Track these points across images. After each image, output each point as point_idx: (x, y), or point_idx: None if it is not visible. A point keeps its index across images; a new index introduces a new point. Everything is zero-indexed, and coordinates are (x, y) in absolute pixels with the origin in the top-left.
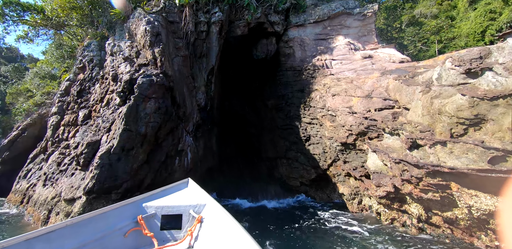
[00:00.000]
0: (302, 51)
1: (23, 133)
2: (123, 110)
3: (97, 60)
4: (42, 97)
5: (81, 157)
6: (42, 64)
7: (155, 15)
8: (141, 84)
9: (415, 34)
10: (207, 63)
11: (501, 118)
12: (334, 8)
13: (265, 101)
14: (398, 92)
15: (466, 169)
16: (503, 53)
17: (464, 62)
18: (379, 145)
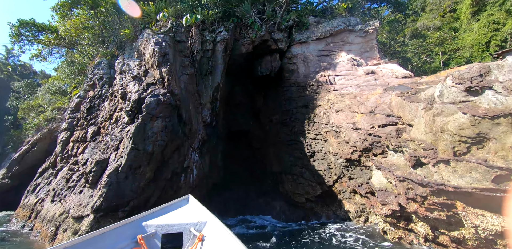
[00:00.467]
0: (306, 67)
1: (33, 148)
2: (131, 129)
3: (107, 78)
4: (52, 113)
5: (90, 175)
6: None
7: (163, 36)
8: (149, 103)
9: (419, 46)
10: (213, 80)
11: (503, 137)
12: (336, 25)
13: (269, 116)
14: (401, 109)
15: (470, 188)
16: (503, 71)
17: (464, 80)
18: (383, 162)
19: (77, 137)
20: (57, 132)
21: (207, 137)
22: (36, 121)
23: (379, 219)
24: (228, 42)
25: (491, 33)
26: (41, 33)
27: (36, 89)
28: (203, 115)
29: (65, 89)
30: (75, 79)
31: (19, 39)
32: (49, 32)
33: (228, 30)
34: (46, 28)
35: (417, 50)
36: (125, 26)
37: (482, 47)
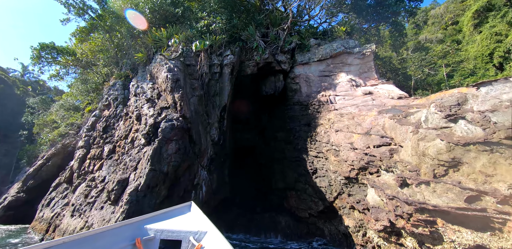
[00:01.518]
0: (308, 87)
1: (47, 162)
2: (149, 152)
3: (121, 99)
4: (66, 128)
5: (112, 193)
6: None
7: (174, 61)
8: (164, 128)
9: (422, 59)
10: (220, 101)
11: (474, 162)
12: (335, 48)
13: (274, 134)
14: (393, 131)
15: (447, 207)
16: (477, 101)
17: (445, 108)
18: (376, 181)
19: (93, 155)
20: (70, 147)
21: (215, 155)
22: (50, 137)
23: (374, 234)
24: (234, 65)
25: (494, 45)
26: (59, 55)
27: (50, 104)
28: (211, 134)
29: (78, 105)
30: (88, 96)
31: (40, 60)
32: (67, 54)
33: (234, 53)
34: (65, 51)
35: (420, 63)
36: (138, 49)
37: (485, 58)
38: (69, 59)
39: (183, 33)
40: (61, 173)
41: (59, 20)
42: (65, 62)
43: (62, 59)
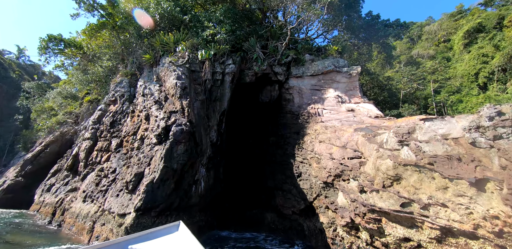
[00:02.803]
0: (300, 98)
1: (45, 149)
2: (161, 151)
3: (127, 96)
4: (64, 116)
5: (130, 184)
6: (66, 85)
7: (182, 69)
8: (175, 132)
9: (412, 74)
10: (220, 106)
11: (409, 178)
12: (327, 65)
13: (267, 138)
14: (363, 147)
15: (388, 209)
16: (421, 132)
17: (399, 134)
18: (345, 187)
19: (100, 147)
20: (68, 135)
21: (213, 154)
22: (48, 124)
23: (340, 229)
24: (235, 74)
25: (480, 65)
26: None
27: (46, 90)
28: (210, 136)
29: (75, 93)
30: (88, 86)
31: (46, 51)
32: (74, 47)
33: (236, 63)
34: (72, 44)
35: (410, 77)
36: (145, 49)
37: (471, 77)
38: (75, 51)
39: (190, 41)
40: (59, 160)
41: (69, 15)
42: (71, 54)
43: (68, 51)
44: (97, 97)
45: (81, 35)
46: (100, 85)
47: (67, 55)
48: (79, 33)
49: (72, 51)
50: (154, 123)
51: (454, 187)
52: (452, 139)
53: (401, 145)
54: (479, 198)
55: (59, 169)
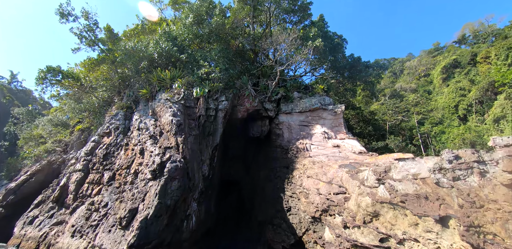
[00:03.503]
0: (289, 133)
1: (30, 178)
2: (156, 187)
3: (122, 129)
4: (53, 144)
5: (124, 220)
6: (57, 112)
7: (178, 105)
8: (170, 169)
9: (396, 106)
10: (213, 141)
11: (386, 214)
12: (313, 103)
13: (258, 171)
14: (347, 183)
15: (368, 244)
16: (396, 171)
17: (376, 173)
18: (331, 222)
19: (92, 179)
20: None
21: (205, 188)
22: (36, 152)
23: None
24: (228, 110)
25: (458, 98)
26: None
27: (35, 116)
28: (203, 170)
29: (66, 121)
30: (80, 114)
31: (44, 81)
32: (72, 79)
33: (228, 100)
34: (70, 75)
35: (395, 109)
36: (142, 84)
37: (452, 109)
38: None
39: (186, 78)
40: (44, 190)
41: (71, 49)
42: (68, 85)
43: (65, 82)
44: (89, 126)
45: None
46: (93, 115)
47: (64, 86)
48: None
49: (69, 82)
50: (149, 158)
51: (423, 224)
52: (421, 179)
53: (379, 183)
54: (444, 234)
55: (43, 200)
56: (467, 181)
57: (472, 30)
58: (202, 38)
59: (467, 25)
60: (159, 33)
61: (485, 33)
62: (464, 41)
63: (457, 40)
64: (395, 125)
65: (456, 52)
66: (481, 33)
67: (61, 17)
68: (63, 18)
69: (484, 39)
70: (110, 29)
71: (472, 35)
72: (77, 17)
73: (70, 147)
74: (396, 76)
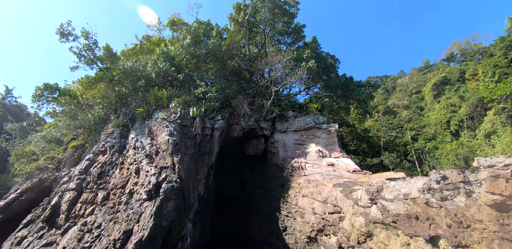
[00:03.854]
0: (285, 151)
1: (21, 197)
2: (151, 208)
3: (118, 147)
4: (45, 162)
5: (118, 242)
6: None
7: (174, 125)
8: (166, 189)
9: (389, 123)
10: (209, 160)
11: (379, 234)
12: (308, 122)
13: (254, 189)
14: (342, 202)
15: None
16: (388, 190)
17: (369, 192)
18: (326, 242)
19: (85, 199)
20: (47, 182)
21: (200, 208)
22: (27, 169)
23: None
24: (224, 129)
25: (449, 114)
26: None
27: (28, 132)
28: (198, 189)
29: (59, 137)
30: (75, 131)
31: (40, 98)
32: (69, 96)
33: (224, 119)
34: (67, 93)
35: (388, 126)
36: (138, 102)
37: (444, 125)
38: (69, 100)
39: (182, 97)
40: (34, 209)
41: (69, 67)
42: (64, 102)
43: (61, 99)
44: (83, 143)
45: (76, 84)
46: (88, 132)
47: (60, 103)
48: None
49: (66, 99)
50: (145, 178)
51: (415, 244)
52: (411, 199)
53: (371, 203)
54: None
55: (33, 220)
56: (454, 201)
57: (459, 48)
58: (199, 58)
59: (455, 44)
60: (157, 53)
61: (472, 51)
62: (453, 58)
63: (445, 58)
64: (389, 141)
65: (445, 70)
66: (468, 51)
67: (61, 37)
68: (63, 37)
69: (471, 56)
70: (109, 49)
71: (460, 53)
72: (77, 37)
73: (63, 164)
74: (389, 93)
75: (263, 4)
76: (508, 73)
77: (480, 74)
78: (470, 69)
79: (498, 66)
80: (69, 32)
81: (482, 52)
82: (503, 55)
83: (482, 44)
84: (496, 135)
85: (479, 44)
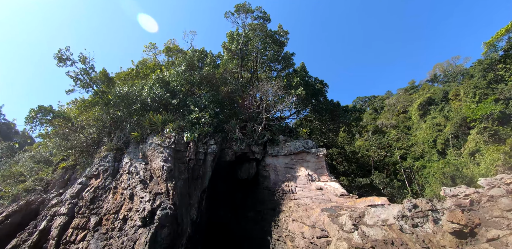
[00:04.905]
0: (276, 175)
1: (6, 220)
2: (146, 235)
3: (111, 171)
4: (33, 183)
5: None
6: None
7: (168, 151)
8: (161, 216)
9: (378, 142)
10: (201, 184)
11: None
12: (297, 147)
13: (246, 213)
14: (328, 226)
15: None
16: (369, 216)
17: (352, 218)
18: None
19: (77, 224)
20: (34, 205)
21: (193, 233)
22: (14, 191)
23: None
24: (216, 154)
25: (436, 133)
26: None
27: (16, 152)
28: (191, 214)
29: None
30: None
31: (34, 120)
32: (62, 118)
33: (217, 143)
34: (61, 115)
35: (378, 145)
36: (132, 126)
37: (430, 144)
38: (62, 122)
39: (176, 122)
40: (19, 234)
41: (65, 91)
42: (58, 124)
43: (55, 121)
44: (73, 164)
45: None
46: (79, 152)
47: (54, 125)
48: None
49: (60, 121)
50: (139, 204)
51: None
52: (388, 225)
53: (354, 229)
54: None
55: (18, 245)
56: (423, 228)
57: (442, 69)
58: (193, 84)
59: (437, 65)
60: (152, 79)
61: (454, 72)
62: (436, 79)
63: (430, 79)
64: (379, 160)
65: (430, 90)
66: (450, 72)
67: (59, 61)
68: (61, 62)
69: (453, 77)
70: (105, 73)
71: (443, 74)
72: (74, 62)
73: (52, 185)
74: (377, 112)
75: (255, 33)
76: (487, 94)
77: (462, 95)
78: (452, 90)
79: (478, 87)
80: (67, 57)
81: (464, 73)
82: (481, 76)
83: (463, 65)
84: (480, 153)
85: (460, 65)
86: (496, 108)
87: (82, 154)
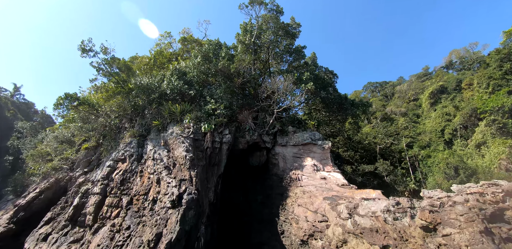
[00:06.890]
0: (284, 163)
1: (40, 196)
2: (176, 215)
3: (136, 156)
4: (60, 162)
5: (152, 242)
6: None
7: (189, 141)
8: (188, 200)
9: (386, 130)
10: (218, 170)
11: (351, 241)
12: (305, 138)
13: (256, 196)
14: (328, 213)
15: None
16: (362, 208)
17: (348, 208)
18: (314, 245)
19: (111, 203)
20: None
21: (210, 213)
22: (43, 169)
23: None
24: (231, 143)
25: (444, 123)
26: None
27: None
28: (209, 196)
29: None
30: (87, 133)
31: (60, 107)
32: (87, 105)
33: (231, 133)
34: (86, 102)
35: (385, 132)
36: (153, 114)
37: (438, 133)
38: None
39: (194, 113)
40: (52, 208)
41: (89, 80)
42: (82, 110)
43: (81, 108)
44: (95, 145)
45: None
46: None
47: (79, 111)
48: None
49: (85, 108)
50: (167, 188)
51: None
52: (375, 216)
53: (348, 217)
54: None
55: (53, 218)
56: (402, 221)
57: (458, 56)
58: (208, 75)
59: (454, 52)
60: (170, 69)
61: (470, 59)
62: (452, 66)
63: (445, 65)
64: (385, 147)
65: (443, 78)
66: (467, 60)
67: (83, 52)
68: (84, 53)
69: (469, 65)
70: (126, 63)
71: (459, 61)
72: (97, 53)
73: (77, 165)
74: (388, 99)
75: (268, 25)
76: (501, 85)
77: (475, 85)
78: (466, 79)
79: (493, 78)
80: (90, 48)
81: (481, 61)
82: (497, 67)
83: (481, 52)
84: (486, 146)
85: (478, 52)
86: (508, 101)
87: (104, 137)
